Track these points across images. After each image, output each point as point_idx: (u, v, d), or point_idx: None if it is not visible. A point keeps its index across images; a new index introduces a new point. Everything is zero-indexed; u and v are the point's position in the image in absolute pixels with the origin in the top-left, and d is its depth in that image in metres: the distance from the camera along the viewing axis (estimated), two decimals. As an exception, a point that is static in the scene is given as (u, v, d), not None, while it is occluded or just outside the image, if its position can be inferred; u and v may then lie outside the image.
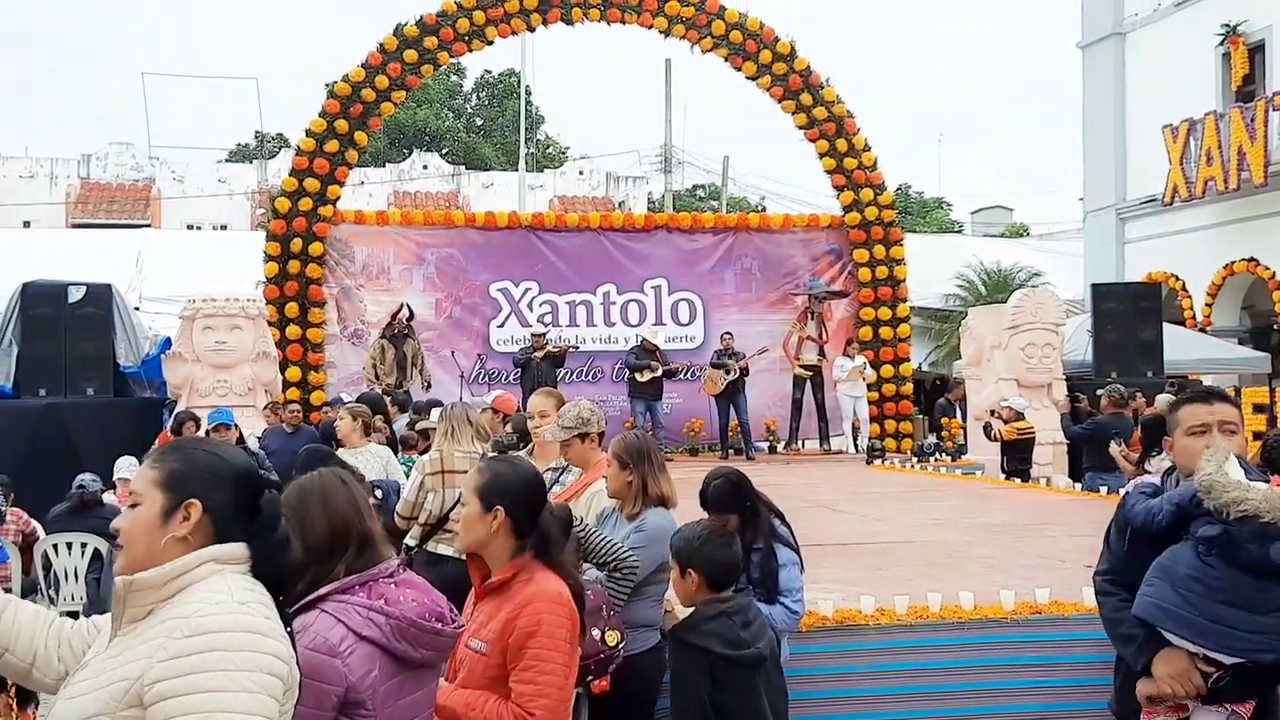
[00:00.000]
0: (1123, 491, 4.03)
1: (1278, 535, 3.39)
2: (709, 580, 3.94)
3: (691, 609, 4.00)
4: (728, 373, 15.14)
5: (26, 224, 35.21)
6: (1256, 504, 3.38)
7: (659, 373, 14.85)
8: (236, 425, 10.39)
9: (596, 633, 4.06)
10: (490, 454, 6.35)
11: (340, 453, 7.99)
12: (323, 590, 2.84)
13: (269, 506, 2.40)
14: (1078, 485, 11.45)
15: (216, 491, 2.33)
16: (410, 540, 6.38)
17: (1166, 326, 16.16)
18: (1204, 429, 3.65)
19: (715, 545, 3.98)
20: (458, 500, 5.47)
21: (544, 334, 14.96)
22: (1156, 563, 3.61)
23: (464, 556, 3.56)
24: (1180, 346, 16.63)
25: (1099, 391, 12.96)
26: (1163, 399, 12.07)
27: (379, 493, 7.05)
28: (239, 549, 2.32)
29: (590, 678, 4.13)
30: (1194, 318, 20.88)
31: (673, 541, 4.10)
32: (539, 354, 14.38)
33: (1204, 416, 3.68)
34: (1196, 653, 3.51)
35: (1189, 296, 21.16)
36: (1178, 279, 21.26)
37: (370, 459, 8.21)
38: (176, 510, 2.30)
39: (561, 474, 5.67)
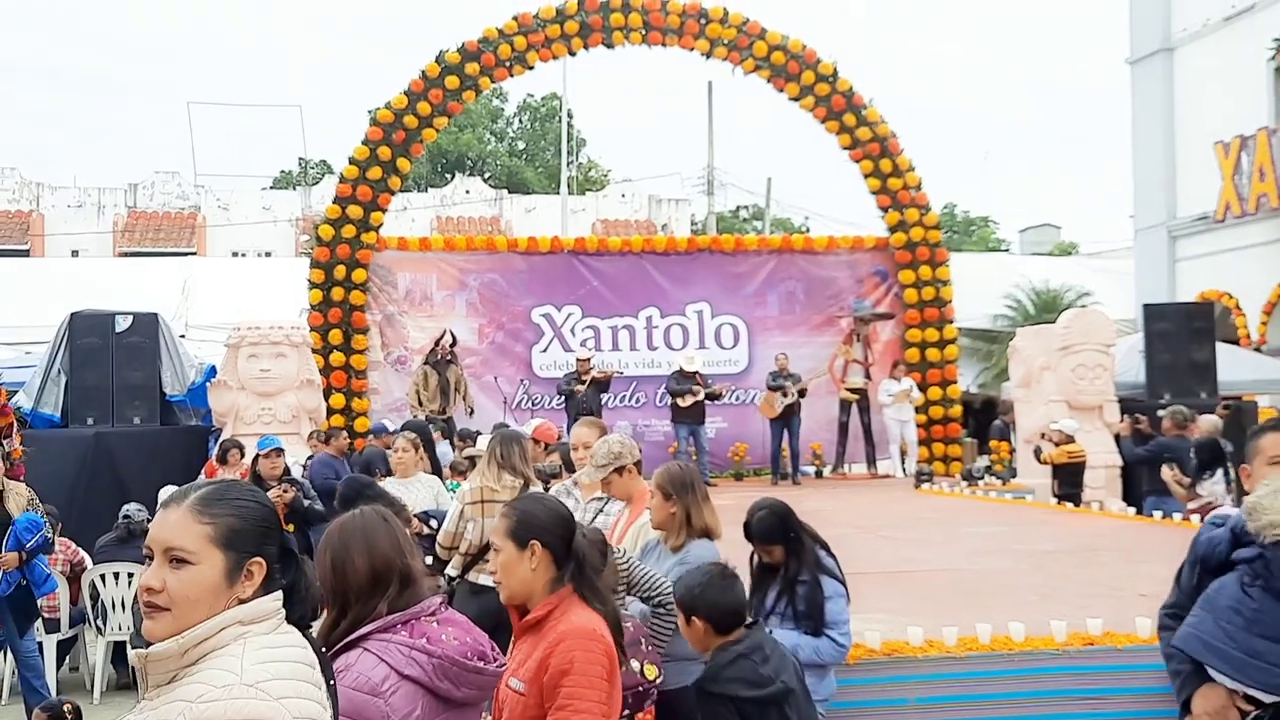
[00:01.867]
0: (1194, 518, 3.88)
1: None
2: (715, 625, 3.89)
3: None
4: (785, 395, 14.97)
5: (75, 253, 35.79)
6: None
7: (700, 396, 14.64)
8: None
9: (636, 665, 4.02)
10: (533, 482, 6.35)
11: (388, 482, 7.95)
12: (365, 629, 2.84)
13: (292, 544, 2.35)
14: (1131, 510, 11.25)
15: (269, 545, 2.25)
16: (451, 570, 6.34)
17: (1220, 346, 15.89)
18: None
19: (717, 590, 3.91)
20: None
21: (589, 359, 14.86)
22: (1204, 592, 3.49)
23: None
24: (1234, 366, 16.35)
25: (1160, 413, 12.74)
26: (1207, 420, 11.86)
27: (434, 523, 6.99)
28: (270, 605, 2.21)
29: (626, 711, 4.07)
30: (1248, 337, 20.51)
31: (675, 590, 4.04)
32: (582, 387, 14.24)
33: None
34: (1236, 689, 3.36)
35: (1243, 315, 20.80)
36: (1231, 297, 20.92)
37: (422, 489, 8.12)
38: (239, 570, 2.19)
39: (606, 503, 5.63)
